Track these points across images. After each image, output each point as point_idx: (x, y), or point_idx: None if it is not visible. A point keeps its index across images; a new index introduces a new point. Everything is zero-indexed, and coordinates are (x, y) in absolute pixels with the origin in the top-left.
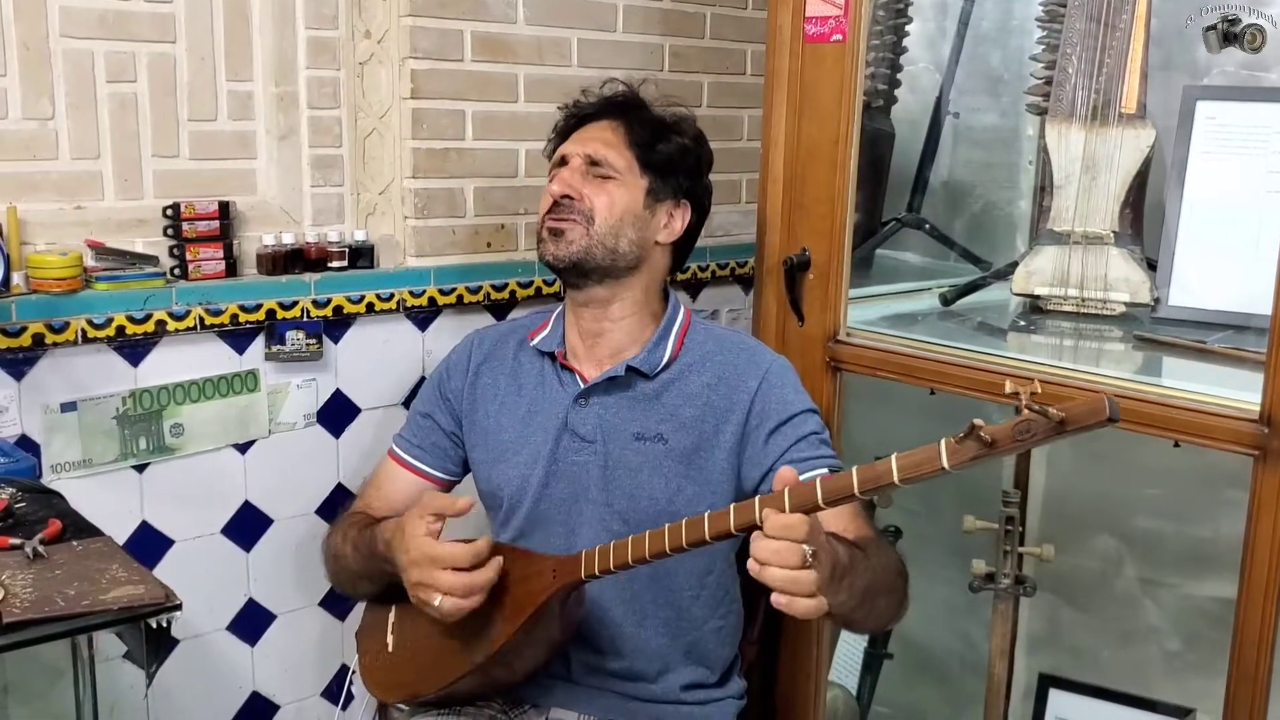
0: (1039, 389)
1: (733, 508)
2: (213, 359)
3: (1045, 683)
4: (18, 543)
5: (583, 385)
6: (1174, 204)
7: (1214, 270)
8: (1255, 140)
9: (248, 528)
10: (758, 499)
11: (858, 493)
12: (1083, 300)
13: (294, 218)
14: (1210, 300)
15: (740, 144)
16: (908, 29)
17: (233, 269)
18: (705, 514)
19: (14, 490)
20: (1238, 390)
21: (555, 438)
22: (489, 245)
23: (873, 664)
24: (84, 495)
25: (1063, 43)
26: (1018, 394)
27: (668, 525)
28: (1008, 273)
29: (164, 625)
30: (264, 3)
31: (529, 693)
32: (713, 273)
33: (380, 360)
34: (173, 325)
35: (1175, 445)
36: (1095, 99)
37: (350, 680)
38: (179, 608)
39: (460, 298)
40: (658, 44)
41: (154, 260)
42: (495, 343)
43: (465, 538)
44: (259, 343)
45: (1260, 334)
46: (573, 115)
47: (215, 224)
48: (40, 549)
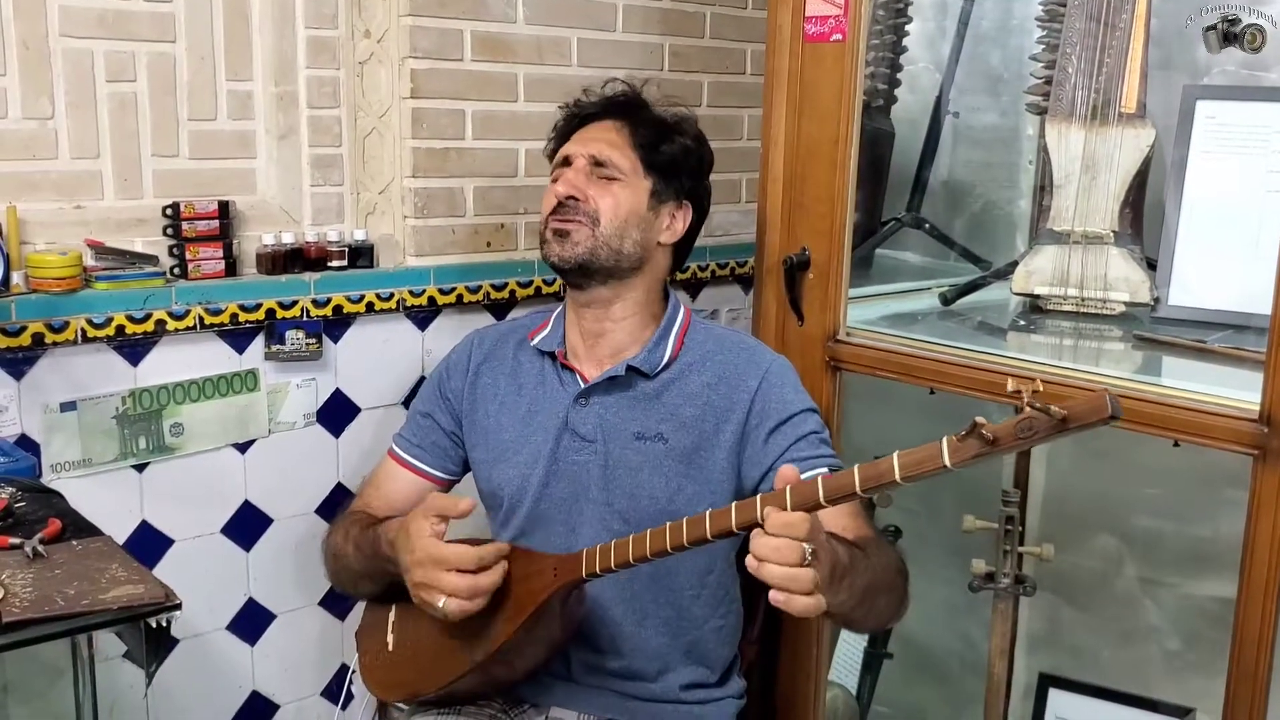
0: (1041, 388)
1: (734, 505)
2: (212, 358)
3: (1045, 682)
4: (17, 542)
5: (583, 385)
6: (1174, 204)
7: (1214, 270)
8: (1255, 140)
9: (247, 527)
10: (759, 497)
11: (860, 491)
12: (1082, 300)
13: (294, 217)
14: (1210, 300)
15: (740, 144)
16: (908, 29)
17: (232, 268)
18: (707, 512)
19: (14, 490)
20: (1237, 390)
21: (555, 437)
22: (489, 245)
23: (873, 663)
24: (84, 495)
25: (1063, 42)
26: (1020, 392)
27: (669, 524)
28: (1007, 272)
29: (164, 625)
30: (264, 2)
31: (529, 692)
32: (713, 272)
33: (380, 360)
34: (172, 325)
35: (1175, 445)
36: (1095, 98)
37: (350, 679)
38: (179, 607)
39: (460, 297)
40: (658, 44)
41: (154, 260)
42: (495, 342)
43: (467, 538)
44: (259, 342)
45: (1260, 334)
46: (574, 115)
47: (215, 223)
48: (40, 548)
